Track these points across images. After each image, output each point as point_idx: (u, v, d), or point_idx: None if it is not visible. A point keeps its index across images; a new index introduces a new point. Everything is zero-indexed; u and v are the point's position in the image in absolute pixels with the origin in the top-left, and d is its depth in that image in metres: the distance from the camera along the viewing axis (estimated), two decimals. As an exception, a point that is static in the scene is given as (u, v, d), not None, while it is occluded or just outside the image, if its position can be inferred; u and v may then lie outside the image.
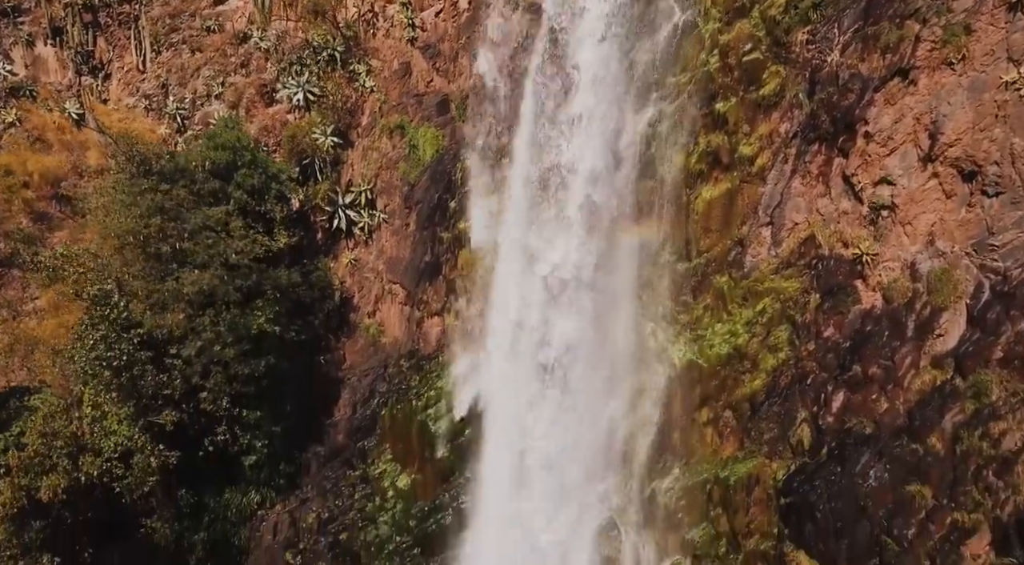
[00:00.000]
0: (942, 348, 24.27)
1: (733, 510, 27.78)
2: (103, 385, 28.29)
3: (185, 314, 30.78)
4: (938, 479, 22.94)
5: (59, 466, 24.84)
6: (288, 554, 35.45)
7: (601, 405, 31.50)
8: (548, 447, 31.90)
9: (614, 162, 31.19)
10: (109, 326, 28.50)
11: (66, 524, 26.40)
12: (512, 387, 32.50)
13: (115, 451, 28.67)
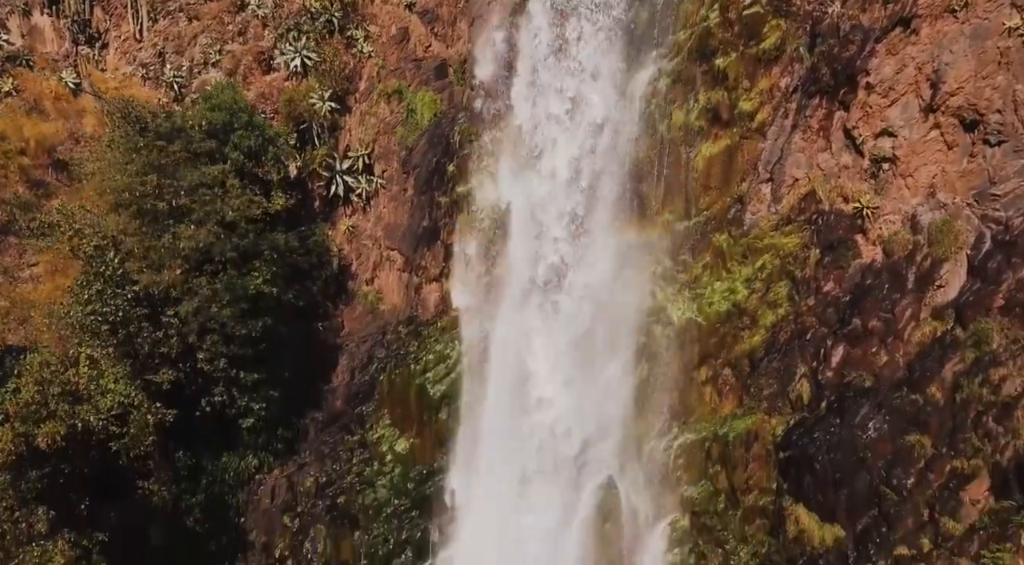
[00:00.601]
0: (942, 299, 24.20)
1: (732, 466, 27.73)
2: (99, 341, 28.17)
3: (182, 270, 30.62)
4: (937, 428, 22.89)
5: (57, 413, 24.76)
6: (286, 517, 35.41)
7: (601, 365, 31.47)
8: (548, 407, 31.87)
9: (612, 122, 31.04)
10: (105, 282, 28.34)
11: (63, 476, 26.31)
12: (514, 346, 32.44)
13: (112, 408, 28.56)
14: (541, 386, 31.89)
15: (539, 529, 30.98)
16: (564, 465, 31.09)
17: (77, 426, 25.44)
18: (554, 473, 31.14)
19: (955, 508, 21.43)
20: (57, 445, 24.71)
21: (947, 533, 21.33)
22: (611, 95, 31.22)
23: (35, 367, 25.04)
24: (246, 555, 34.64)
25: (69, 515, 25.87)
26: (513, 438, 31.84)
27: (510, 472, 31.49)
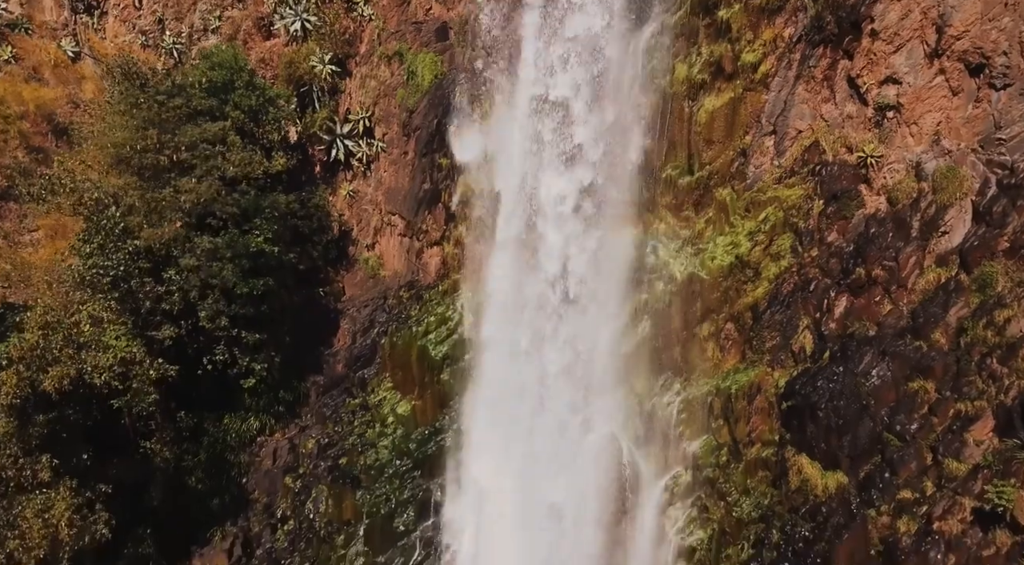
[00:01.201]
0: (947, 245, 24.08)
1: (734, 419, 27.71)
2: (101, 296, 28.06)
3: (182, 224, 30.51)
4: (941, 373, 22.83)
5: (62, 357, 24.69)
6: (288, 478, 35.43)
7: (603, 322, 31.38)
8: (550, 364, 31.81)
9: (614, 77, 30.79)
10: (106, 236, 28.22)
11: (67, 426, 26.27)
12: (516, 306, 32.36)
13: (113, 364, 28.48)
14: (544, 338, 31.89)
15: (542, 486, 31.03)
16: (565, 422, 31.08)
17: (83, 371, 25.33)
18: (555, 429, 31.14)
19: (959, 449, 21.38)
20: (63, 389, 24.62)
21: (950, 474, 21.30)
22: (615, 52, 30.96)
23: (39, 313, 24.93)
24: (248, 515, 34.61)
25: (72, 465, 25.84)
26: (513, 392, 31.86)
27: (511, 427, 31.51)
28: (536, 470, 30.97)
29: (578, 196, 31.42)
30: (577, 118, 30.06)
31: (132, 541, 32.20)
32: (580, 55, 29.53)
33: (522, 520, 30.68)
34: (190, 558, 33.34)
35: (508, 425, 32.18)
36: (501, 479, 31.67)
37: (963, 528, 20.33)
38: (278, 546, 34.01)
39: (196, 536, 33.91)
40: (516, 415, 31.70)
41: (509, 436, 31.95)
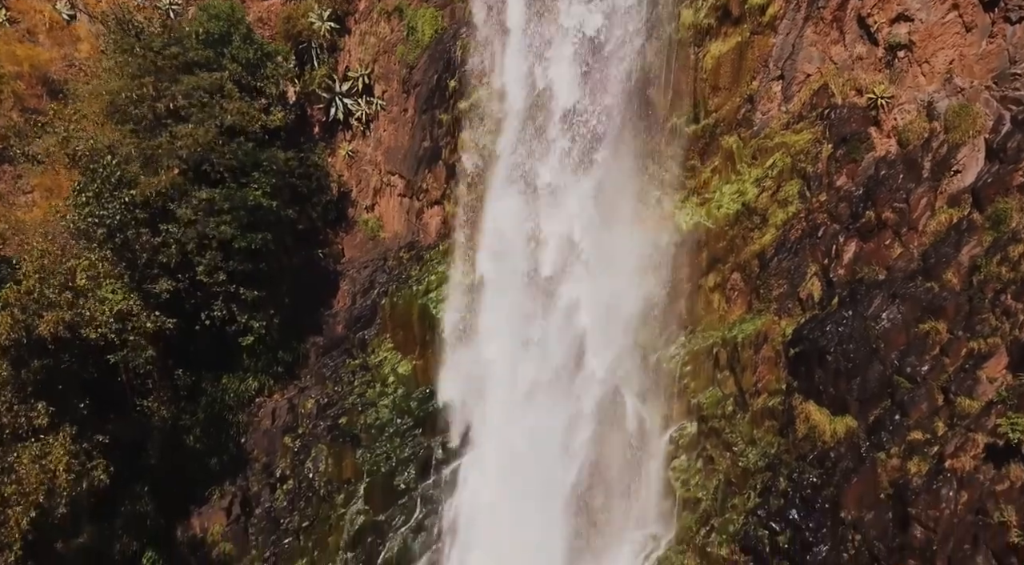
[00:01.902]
0: (959, 185, 23.59)
1: (741, 369, 27.27)
2: (96, 244, 27.57)
3: (179, 172, 29.98)
4: (953, 313, 22.35)
5: (58, 303, 24.21)
6: (287, 438, 35.03)
7: (604, 277, 30.92)
8: (550, 320, 31.38)
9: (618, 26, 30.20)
10: (101, 184, 27.70)
11: (63, 374, 25.84)
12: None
13: (109, 317, 28.03)
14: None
15: (544, 440, 30.64)
16: (569, 376, 30.66)
17: (78, 319, 24.87)
18: (559, 383, 30.72)
19: (971, 387, 20.94)
20: (58, 335, 24.16)
21: (962, 412, 20.85)
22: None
23: (35, 257, 24.43)
24: (246, 475, 34.25)
25: (69, 414, 25.39)
26: (516, 351, 31.46)
27: (513, 382, 31.12)
28: (538, 425, 30.60)
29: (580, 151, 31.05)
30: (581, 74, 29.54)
31: (129, 498, 31.84)
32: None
33: (524, 475, 30.27)
34: (188, 517, 32.97)
35: (510, 381, 31.85)
36: (503, 435, 31.27)
37: (976, 464, 19.90)
38: (277, 505, 33.66)
39: (194, 495, 33.57)
40: (519, 369, 31.38)
41: (511, 392, 31.61)
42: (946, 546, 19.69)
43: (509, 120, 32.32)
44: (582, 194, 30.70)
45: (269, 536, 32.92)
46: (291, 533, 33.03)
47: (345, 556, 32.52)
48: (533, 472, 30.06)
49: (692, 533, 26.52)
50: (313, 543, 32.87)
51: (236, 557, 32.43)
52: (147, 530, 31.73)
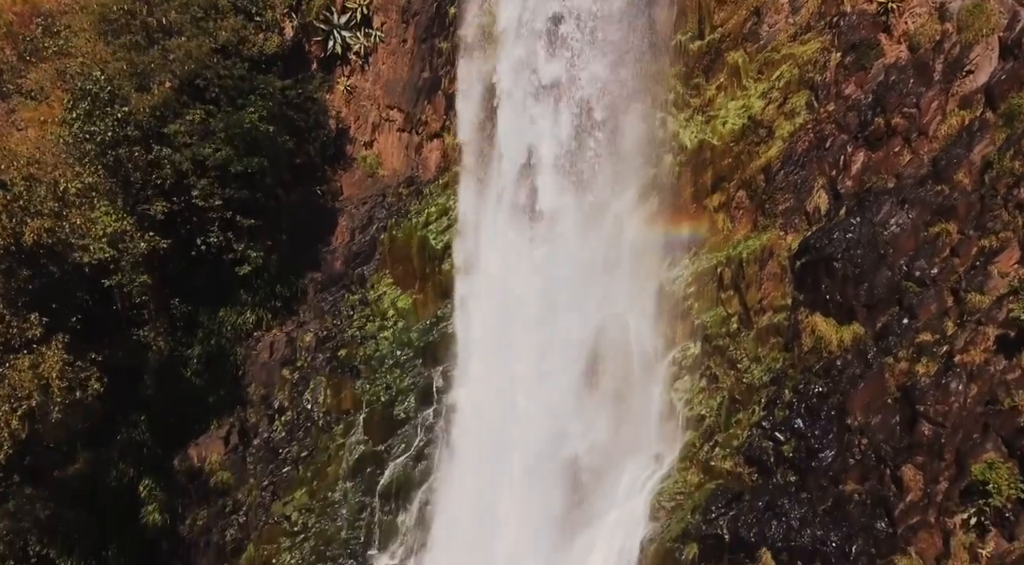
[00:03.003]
0: (972, 85, 22.97)
1: (745, 286, 26.82)
2: (88, 160, 27.06)
3: (172, 86, 29.44)
4: (964, 212, 21.87)
5: (44, 211, 23.78)
6: (285, 370, 34.69)
7: (606, 202, 30.45)
8: (550, 247, 30.93)
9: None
10: (92, 101, 27.19)
11: (56, 284, 25.43)
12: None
13: (103, 235, 27.60)
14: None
15: (543, 367, 30.29)
16: (568, 300, 30.26)
17: (68, 229, 24.43)
18: (558, 310, 30.31)
19: (982, 282, 20.50)
20: (46, 244, 23.74)
21: (973, 307, 20.42)
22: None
23: (23, 163, 23.96)
24: (244, 407, 33.97)
25: (62, 328, 24.99)
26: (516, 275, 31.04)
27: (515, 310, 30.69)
28: (539, 350, 30.24)
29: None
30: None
31: (126, 427, 31.58)
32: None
33: (524, 400, 29.95)
34: (186, 447, 32.69)
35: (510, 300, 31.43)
36: (504, 362, 30.89)
37: (986, 357, 19.49)
38: (275, 436, 33.41)
39: (192, 426, 33.34)
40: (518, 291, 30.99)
41: (511, 314, 31.21)
42: (955, 438, 19.34)
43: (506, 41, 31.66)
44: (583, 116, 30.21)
45: (267, 465, 32.68)
46: (289, 463, 32.78)
47: (345, 485, 32.29)
48: (532, 397, 29.79)
49: (695, 449, 26.20)
50: (312, 473, 32.63)
51: (234, 486, 32.19)
52: (144, 458, 31.53)
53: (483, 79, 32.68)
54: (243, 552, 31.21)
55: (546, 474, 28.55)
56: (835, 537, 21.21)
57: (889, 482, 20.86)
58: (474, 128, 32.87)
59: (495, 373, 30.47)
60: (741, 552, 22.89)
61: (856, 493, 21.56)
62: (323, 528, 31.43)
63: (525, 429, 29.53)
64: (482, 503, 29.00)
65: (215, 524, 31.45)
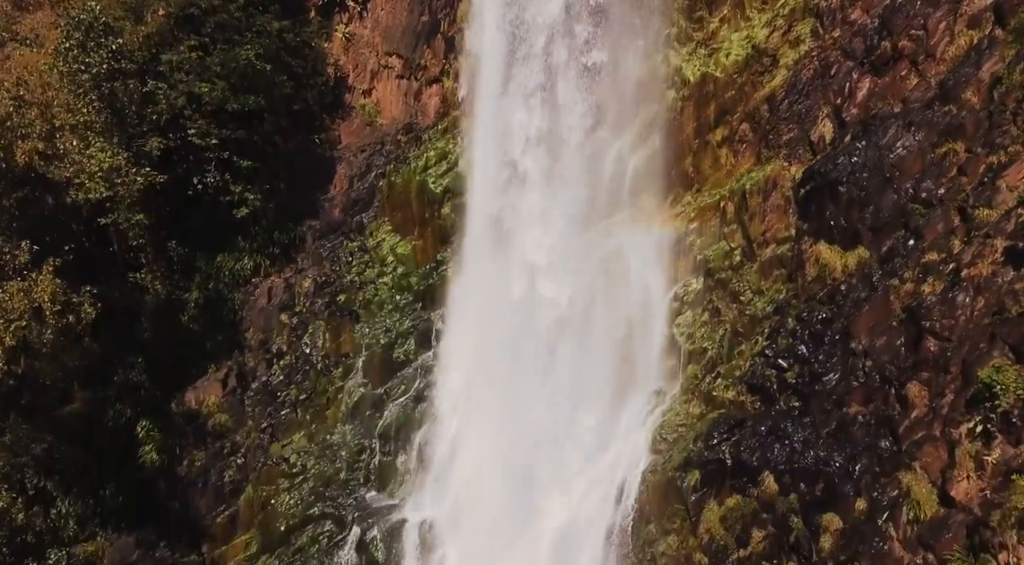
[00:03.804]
0: (980, 4, 22.56)
1: (749, 218, 26.48)
2: (82, 91, 26.67)
3: (165, 14, 29.01)
4: (972, 130, 21.52)
5: (35, 134, 23.40)
6: (283, 315, 34.40)
7: (608, 140, 30.10)
8: (550, 184, 30.62)
9: None
10: (85, 32, 26.76)
11: (48, 216, 25.11)
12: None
13: (99, 172, 27.23)
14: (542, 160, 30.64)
15: (544, 307, 30.05)
16: (567, 237, 29.98)
17: (59, 150, 24.06)
18: (558, 246, 30.03)
19: (990, 197, 20.16)
20: (36, 165, 23.38)
21: (980, 222, 20.11)
22: None
23: (12, 84, 23.57)
24: (242, 351, 33.69)
25: (54, 253, 24.68)
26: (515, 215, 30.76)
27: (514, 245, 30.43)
28: (540, 289, 30.00)
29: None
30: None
31: (123, 368, 31.35)
32: None
33: (525, 339, 29.73)
34: (183, 390, 32.45)
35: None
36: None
37: (993, 269, 19.20)
38: (274, 380, 33.16)
39: (189, 370, 33.04)
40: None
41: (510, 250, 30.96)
42: (960, 350, 19.07)
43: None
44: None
45: (266, 408, 32.46)
46: (288, 406, 32.58)
47: (344, 428, 32.10)
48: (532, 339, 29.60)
49: (697, 381, 25.97)
50: (311, 416, 32.43)
51: (232, 428, 31.97)
52: (141, 400, 31.31)
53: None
54: (242, 493, 31.03)
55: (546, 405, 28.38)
56: (838, 457, 21.00)
57: (894, 401, 20.61)
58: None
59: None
60: (743, 476, 22.72)
61: (860, 415, 21.31)
62: (322, 470, 31.23)
63: (524, 367, 29.32)
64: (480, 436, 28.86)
65: (213, 465, 31.25)
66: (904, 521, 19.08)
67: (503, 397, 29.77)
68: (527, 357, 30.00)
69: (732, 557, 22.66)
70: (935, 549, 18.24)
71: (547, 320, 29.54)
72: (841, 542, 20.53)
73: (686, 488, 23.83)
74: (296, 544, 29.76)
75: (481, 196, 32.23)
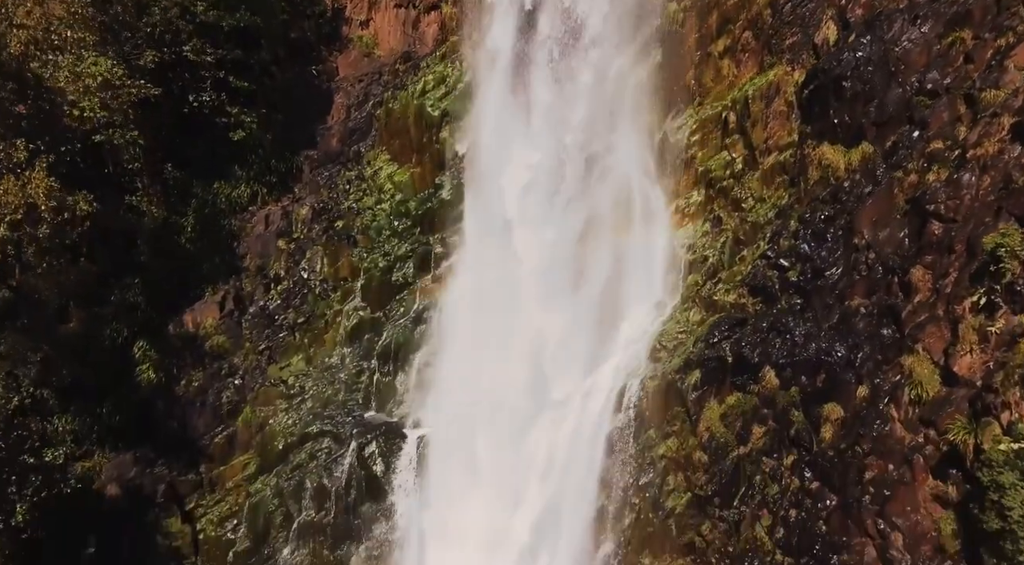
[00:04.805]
0: None
1: (751, 124, 26.17)
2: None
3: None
4: (980, 16, 21.12)
5: (29, 24, 22.96)
6: (281, 241, 34.03)
7: (608, 58, 29.70)
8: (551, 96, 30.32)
9: None
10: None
11: (45, 116, 24.70)
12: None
13: (93, 85, 26.86)
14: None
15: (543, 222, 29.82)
16: (567, 152, 29.68)
17: (54, 40, 23.68)
18: (561, 163, 29.75)
19: (997, 78, 19.82)
20: (31, 54, 23.00)
21: (987, 104, 19.80)
22: None
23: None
24: (240, 276, 33.39)
25: (49, 151, 24.32)
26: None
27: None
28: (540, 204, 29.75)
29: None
30: None
31: (119, 289, 31.10)
32: None
33: (524, 251, 29.54)
34: (180, 314, 32.19)
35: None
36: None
37: (1000, 147, 18.89)
38: (271, 304, 32.88)
39: (186, 295, 32.72)
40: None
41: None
42: (965, 228, 18.81)
43: None
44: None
45: (263, 330, 32.18)
46: (286, 329, 32.32)
47: (342, 351, 31.90)
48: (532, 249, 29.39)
49: (698, 287, 25.79)
50: (309, 339, 32.19)
51: (230, 350, 31.71)
52: (138, 320, 31.02)
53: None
54: (239, 414, 30.81)
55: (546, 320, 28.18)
56: (840, 348, 20.82)
57: (896, 290, 20.41)
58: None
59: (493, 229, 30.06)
60: (744, 373, 22.56)
61: (862, 306, 21.11)
62: (320, 391, 31.05)
63: (526, 283, 29.10)
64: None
65: (211, 386, 31.03)
66: (906, 402, 18.94)
67: (500, 316, 29.61)
68: (524, 278, 29.89)
69: (732, 454, 22.56)
70: (936, 425, 18.12)
71: (547, 238, 29.29)
72: (842, 432, 20.43)
73: (686, 388, 23.69)
74: (294, 461, 29.64)
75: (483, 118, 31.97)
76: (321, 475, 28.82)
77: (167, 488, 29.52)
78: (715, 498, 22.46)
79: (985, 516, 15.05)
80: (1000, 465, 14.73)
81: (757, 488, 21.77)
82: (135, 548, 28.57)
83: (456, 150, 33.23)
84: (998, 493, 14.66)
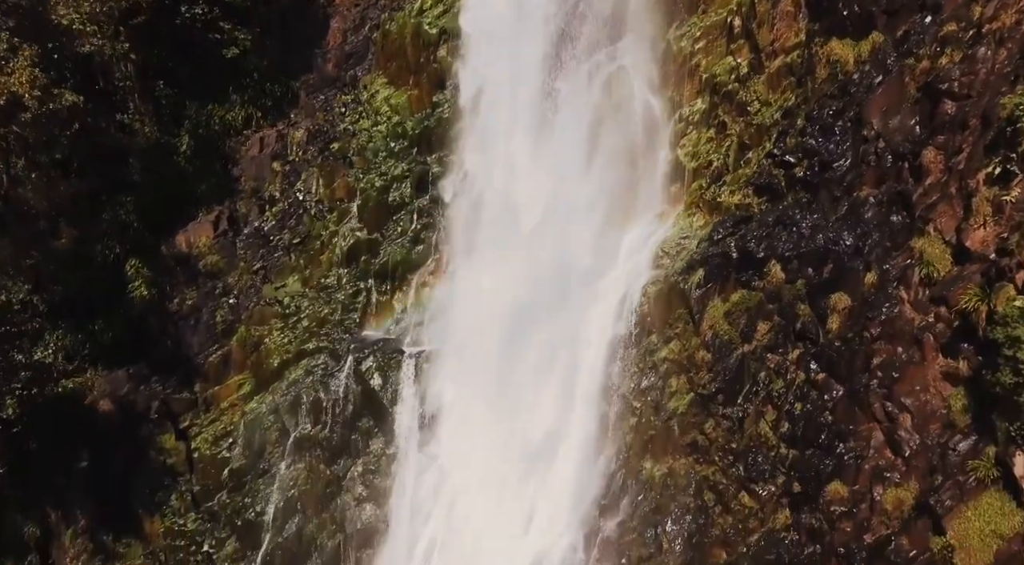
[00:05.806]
0: None
1: (757, 25, 25.45)
2: None
3: None
4: None
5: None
6: (276, 164, 33.43)
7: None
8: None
9: None
10: None
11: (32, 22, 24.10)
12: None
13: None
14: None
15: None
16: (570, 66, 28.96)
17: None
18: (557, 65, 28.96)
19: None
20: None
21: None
22: None
23: None
24: (234, 199, 32.84)
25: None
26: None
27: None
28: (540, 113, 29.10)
29: None
30: None
31: (111, 206, 30.57)
32: None
33: (526, 163, 28.94)
34: (174, 234, 31.67)
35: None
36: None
37: (1018, 17, 18.11)
38: (266, 225, 32.35)
39: (179, 215, 32.20)
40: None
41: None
42: (980, 102, 18.21)
43: None
44: None
45: (258, 250, 31.67)
46: (281, 249, 31.79)
47: (339, 271, 31.42)
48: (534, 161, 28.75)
49: (702, 191, 25.24)
50: (305, 260, 31.70)
51: (224, 270, 31.22)
52: (130, 238, 30.56)
53: None
54: (234, 333, 30.40)
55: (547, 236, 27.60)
56: (848, 237, 20.33)
57: (907, 176, 19.86)
58: None
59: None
60: (749, 268, 22.08)
61: (871, 196, 20.57)
62: (316, 310, 30.61)
63: (527, 196, 28.55)
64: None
65: (205, 304, 30.59)
66: (916, 282, 18.46)
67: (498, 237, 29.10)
68: (521, 198, 29.34)
69: (736, 352, 22.10)
70: (948, 300, 17.63)
71: (550, 149, 28.67)
72: (849, 321, 19.96)
73: (689, 287, 23.21)
74: (290, 377, 29.28)
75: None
76: (317, 389, 28.44)
77: (161, 405, 29.19)
78: (718, 396, 22.04)
79: (1000, 374, 14.60)
80: (1015, 320, 14.28)
81: (762, 384, 21.34)
82: (128, 463, 28.25)
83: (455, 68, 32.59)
84: (1013, 348, 14.21)
